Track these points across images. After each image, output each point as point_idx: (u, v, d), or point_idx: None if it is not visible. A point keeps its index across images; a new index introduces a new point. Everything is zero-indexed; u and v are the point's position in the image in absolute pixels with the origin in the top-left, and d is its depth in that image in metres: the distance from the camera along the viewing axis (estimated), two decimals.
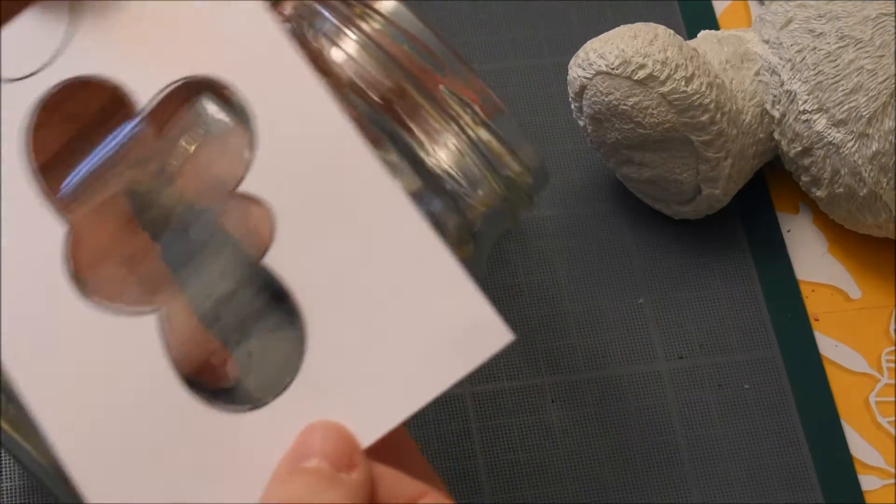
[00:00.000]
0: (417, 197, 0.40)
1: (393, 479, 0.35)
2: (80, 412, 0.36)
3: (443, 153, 0.40)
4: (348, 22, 0.40)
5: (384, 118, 0.40)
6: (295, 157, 0.37)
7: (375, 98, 0.40)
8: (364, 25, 0.40)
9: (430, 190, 0.40)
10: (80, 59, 0.38)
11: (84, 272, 0.37)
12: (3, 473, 0.49)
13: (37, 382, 0.36)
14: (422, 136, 0.40)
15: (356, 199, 0.36)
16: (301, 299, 0.36)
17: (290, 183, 0.37)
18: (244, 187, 0.37)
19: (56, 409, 0.36)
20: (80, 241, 0.37)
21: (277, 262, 0.36)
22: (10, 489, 0.48)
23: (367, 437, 0.35)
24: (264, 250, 0.36)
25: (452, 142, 0.40)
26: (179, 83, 0.38)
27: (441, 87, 0.40)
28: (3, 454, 0.49)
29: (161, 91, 0.38)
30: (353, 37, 0.40)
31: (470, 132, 0.40)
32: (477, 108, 0.40)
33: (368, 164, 0.36)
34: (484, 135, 0.41)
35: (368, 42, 0.40)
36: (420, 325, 0.36)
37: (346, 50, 0.40)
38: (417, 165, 0.40)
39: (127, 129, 0.39)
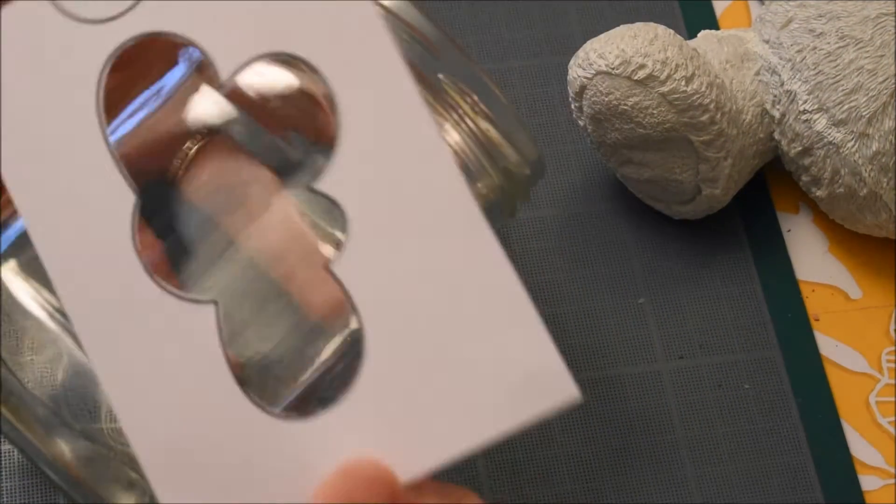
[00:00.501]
0: None
1: (435, 490, 0.35)
2: (147, 398, 0.35)
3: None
4: None
5: None
6: (376, 163, 0.35)
7: None
8: None
9: None
10: (161, 13, 0.36)
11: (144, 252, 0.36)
12: (3, 473, 0.49)
13: (110, 364, 0.35)
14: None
15: (434, 216, 0.34)
16: (364, 312, 0.35)
17: (367, 188, 0.35)
18: (320, 186, 0.35)
19: (126, 391, 0.35)
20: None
21: (345, 270, 0.35)
22: (10, 489, 0.48)
23: (407, 471, 0.34)
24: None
25: (452, 132, 0.40)
26: (264, 57, 0.36)
27: (440, 76, 0.40)
28: (2, 454, 0.49)
29: (245, 63, 0.36)
30: None
31: (469, 122, 0.40)
32: (476, 98, 0.40)
33: (453, 182, 0.34)
34: (483, 125, 0.40)
35: None
36: (482, 360, 0.34)
37: None
38: None
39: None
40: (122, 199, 0.36)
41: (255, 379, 0.37)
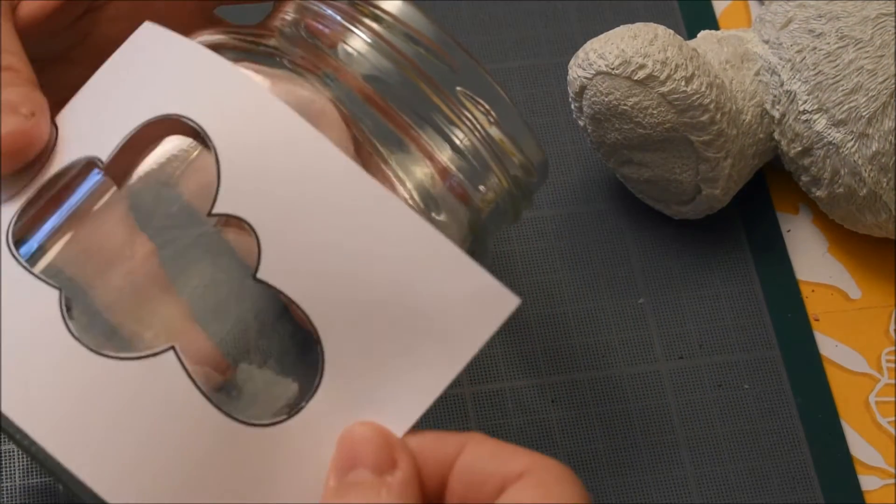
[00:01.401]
0: (428, 194, 0.40)
1: (434, 441, 0.36)
2: (130, 469, 0.35)
3: (453, 149, 0.41)
4: (356, 22, 0.40)
5: (391, 120, 0.40)
6: (258, 169, 0.36)
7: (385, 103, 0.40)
8: (374, 26, 0.40)
9: (443, 184, 0.41)
10: None
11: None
12: (3, 473, 0.49)
13: (76, 450, 0.35)
14: (433, 133, 0.40)
15: (331, 199, 0.36)
16: (305, 306, 0.36)
17: (261, 196, 0.36)
18: (218, 209, 0.36)
19: (102, 469, 0.35)
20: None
21: (271, 277, 0.36)
22: (10, 489, 0.48)
23: (402, 425, 0.36)
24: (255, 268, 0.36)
25: (465, 138, 0.41)
26: (138, 128, 0.38)
27: (457, 88, 0.40)
28: (2, 454, 0.49)
29: (123, 139, 0.38)
30: (364, 37, 0.40)
31: (481, 129, 0.41)
32: (487, 106, 0.41)
33: (330, 157, 0.36)
34: (494, 132, 0.41)
35: (381, 44, 0.40)
36: (428, 308, 0.36)
37: (356, 49, 0.40)
38: (429, 161, 0.40)
39: (92, 181, 0.39)
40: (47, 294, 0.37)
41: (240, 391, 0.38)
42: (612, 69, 0.50)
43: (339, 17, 0.40)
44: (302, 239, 0.36)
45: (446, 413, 0.51)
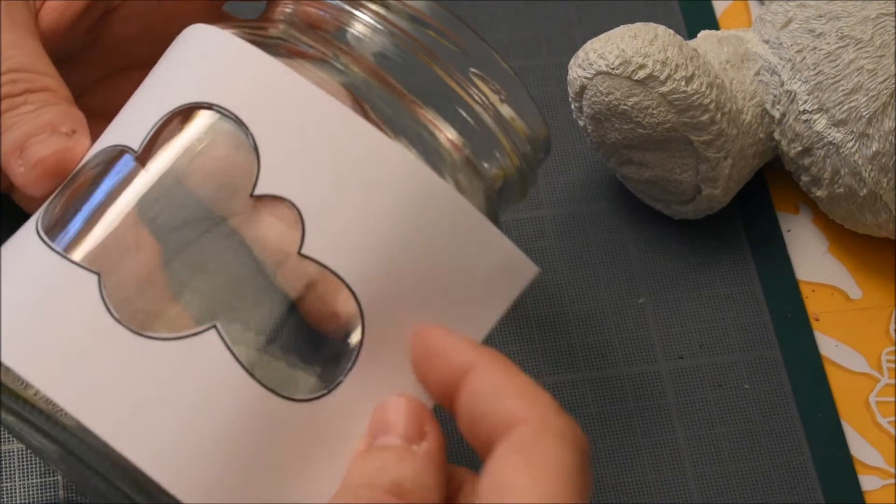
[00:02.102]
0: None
1: (441, 355, 0.38)
2: (185, 448, 0.35)
3: (466, 127, 0.42)
4: (362, 7, 0.41)
5: (406, 101, 0.41)
6: (296, 148, 0.37)
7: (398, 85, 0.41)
8: (380, 10, 0.41)
9: (459, 159, 0.41)
10: None
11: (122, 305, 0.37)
12: (3, 473, 0.49)
13: (125, 431, 0.35)
14: (447, 113, 0.41)
15: (368, 172, 0.37)
16: (349, 279, 0.37)
17: (301, 175, 0.37)
18: (260, 190, 0.37)
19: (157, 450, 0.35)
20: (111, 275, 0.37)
21: (316, 252, 0.37)
22: (10, 489, 0.48)
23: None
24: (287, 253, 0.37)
25: (478, 116, 0.42)
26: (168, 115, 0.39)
27: (471, 70, 0.41)
28: (2, 454, 0.49)
29: (155, 125, 0.39)
30: (372, 21, 0.41)
31: (494, 109, 0.42)
32: (499, 87, 0.42)
33: (364, 133, 0.37)
34: (507, 112, 0.42)
35: (389, 27, 0.41)
36: (458, 275, 0.38)
37: (364, 33, 0.41)
38: (445, 139, 0.41)
39: (124, 169, 0.39)
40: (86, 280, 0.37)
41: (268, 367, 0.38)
42: (612, 69, 0.50)
43: (340, 3, 0.41)
44: (343, 214, 0.37)
45: (447, 413, 0.51)
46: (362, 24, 0.41)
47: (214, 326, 0.36)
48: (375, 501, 0.36)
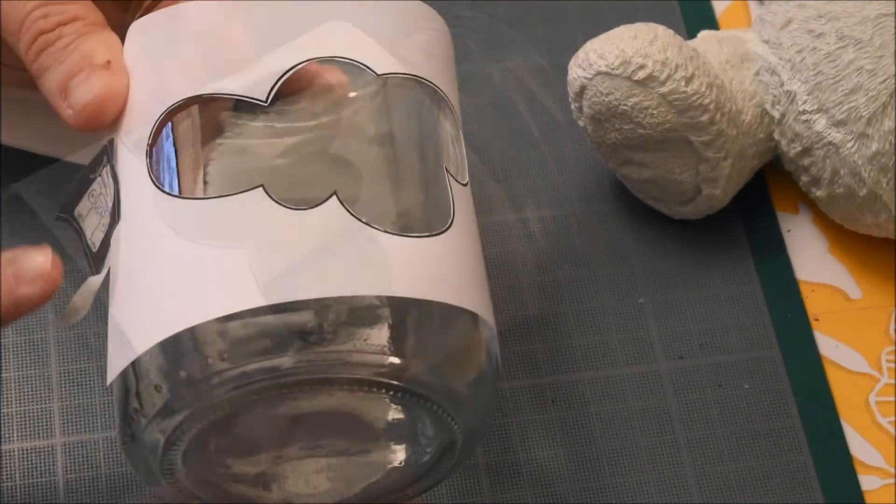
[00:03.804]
0: None
1: None
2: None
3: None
4: None
5: None
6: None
7: None
8: None
9: None
10: None
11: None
12: (3, 473, 0.49)
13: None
14: None
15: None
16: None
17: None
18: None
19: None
20: None
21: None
22: (10, 489, 0.48)
23: None
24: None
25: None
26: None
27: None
28: (2, 454, 0.49)
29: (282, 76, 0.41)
30: None
31: None
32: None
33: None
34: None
35: None
36: None
37: None
38: None
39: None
40: None
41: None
42: (612, 69, 0.50)
43: None
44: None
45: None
46: None
47: (335, 193, 0.40)
48: None
